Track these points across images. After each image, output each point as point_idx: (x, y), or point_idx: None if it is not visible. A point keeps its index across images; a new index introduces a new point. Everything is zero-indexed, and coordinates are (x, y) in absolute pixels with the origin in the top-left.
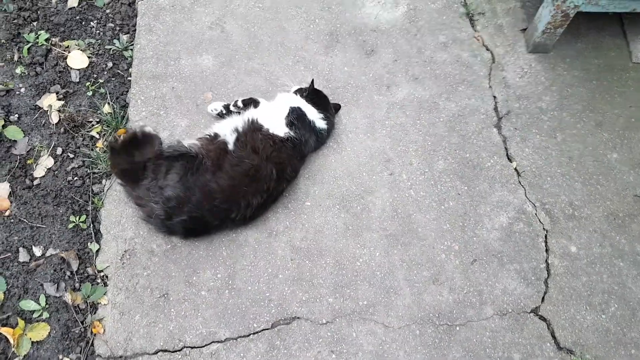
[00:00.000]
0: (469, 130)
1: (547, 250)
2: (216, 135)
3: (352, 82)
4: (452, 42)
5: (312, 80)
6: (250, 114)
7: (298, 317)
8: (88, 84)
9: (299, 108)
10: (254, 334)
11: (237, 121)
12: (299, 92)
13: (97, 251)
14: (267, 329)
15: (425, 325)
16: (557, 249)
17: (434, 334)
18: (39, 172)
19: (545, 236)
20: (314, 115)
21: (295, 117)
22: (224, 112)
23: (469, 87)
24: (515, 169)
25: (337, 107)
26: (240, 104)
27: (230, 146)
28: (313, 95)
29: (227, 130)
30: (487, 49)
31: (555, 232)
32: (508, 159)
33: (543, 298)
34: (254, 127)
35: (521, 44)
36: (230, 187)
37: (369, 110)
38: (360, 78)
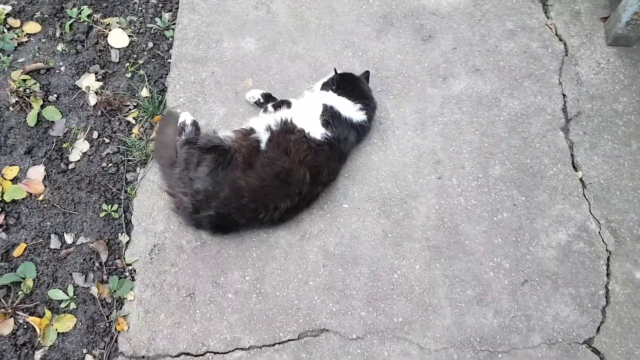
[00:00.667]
0: (531, 132)
1: (608, 275)
2: (251, 131)
3: (405, 71)
4: (521, 29)
5: (335, 70)
6: (284, 113)
7: (327, 330)
8: (127, 64)
9: (331, 107)
10: (279, 343)
11: (270, 119)
12: (326, 86)
13: (127, 243)
14: (294, 340)
15: (464, 349)
16: (619, 274)
17: None
18: (74, 156)
19: (608, 258)
20: (349, 110)
21: (330, 116)
22: (262, 100)
23: (536, 82)
24: (581, 180)
25: (366, 75)
26: (270, 109)
27: (263, 145)
28: (342, 85)
29: (262, 127)
30: (560, 39)
31: (619, 255)
32: (573, 167)
33: (599, 328)
34: (287, 129)
35: (600, 35)
36: (259, 188)
37: (420, 104)
38: (414, 67)
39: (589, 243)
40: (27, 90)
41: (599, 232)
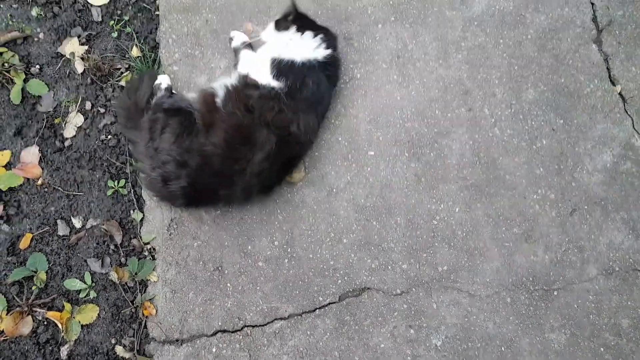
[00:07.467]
0: (562, 48)
1: None
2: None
3: None
4: None
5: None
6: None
7: (368, 288)
8: (112, 22)
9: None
10: (319, 308)
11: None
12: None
13: (141, 220)
14: (335, 303)
15: (517, 291)
16: None
17: (527, 301)
18: (69, 131)
19: None
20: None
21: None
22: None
23: None
24: (620, 94)
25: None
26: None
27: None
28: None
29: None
30: None
31: None
32: (611, 82)
33: None
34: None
35: None
36: (227, 149)
37: (439, 30)
38: None
39: (636, 162)
40: (6, 64)
41: None
